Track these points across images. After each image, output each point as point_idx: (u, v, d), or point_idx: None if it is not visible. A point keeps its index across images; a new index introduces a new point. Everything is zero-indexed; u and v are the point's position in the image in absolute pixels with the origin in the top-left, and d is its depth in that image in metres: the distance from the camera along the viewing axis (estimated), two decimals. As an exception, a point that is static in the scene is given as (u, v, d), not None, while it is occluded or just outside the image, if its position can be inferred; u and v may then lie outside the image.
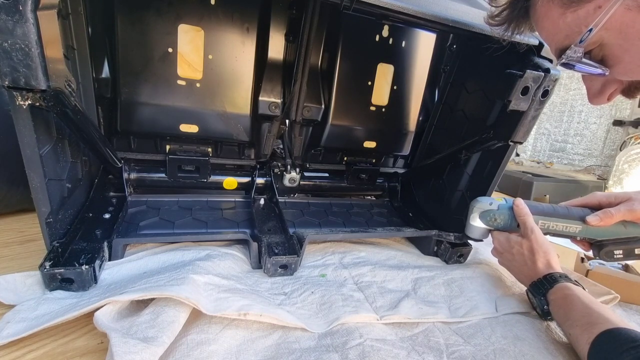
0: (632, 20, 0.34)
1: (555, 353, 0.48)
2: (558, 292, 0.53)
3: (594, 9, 0.35)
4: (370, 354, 0.43)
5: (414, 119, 0.84)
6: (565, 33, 0.39)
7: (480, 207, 0.63)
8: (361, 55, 0.74)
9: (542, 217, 0.61)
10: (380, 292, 0.57)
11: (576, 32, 0.38)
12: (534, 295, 0.56)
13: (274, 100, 0.71)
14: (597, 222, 0.58)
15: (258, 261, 0.60)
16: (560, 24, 0.39)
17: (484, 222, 0.63)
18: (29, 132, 0.42)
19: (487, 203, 0.63)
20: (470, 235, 0.65)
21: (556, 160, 2.73)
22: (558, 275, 0.55)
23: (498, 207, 0.62)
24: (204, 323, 0.44)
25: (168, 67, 0.63)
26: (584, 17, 0.36)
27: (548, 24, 0.41)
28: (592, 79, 0.44)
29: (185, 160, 0.73)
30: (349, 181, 0.89)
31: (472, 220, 0.64)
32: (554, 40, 0.41)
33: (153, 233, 0.64)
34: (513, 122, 0.63)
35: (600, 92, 0.44)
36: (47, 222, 0.48)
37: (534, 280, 0.57)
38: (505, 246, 0.62)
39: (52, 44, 0.38)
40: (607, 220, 0.58)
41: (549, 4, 0.39)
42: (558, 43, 0.41)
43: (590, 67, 0.39)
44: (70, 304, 0.44)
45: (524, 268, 0.60)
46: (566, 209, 0.62)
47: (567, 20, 0.38)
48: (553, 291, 0.53)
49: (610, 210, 0.58)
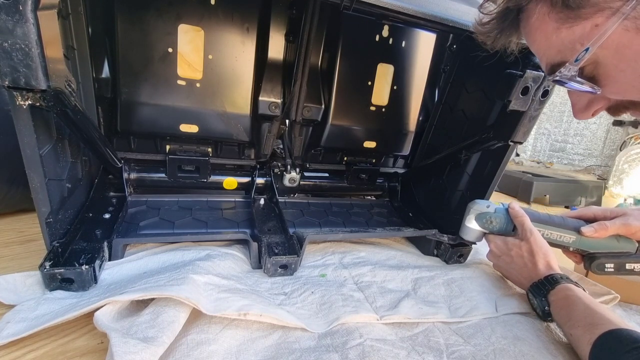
0: (630, 41, 0.34)
1: (555, 353, 0.48)
2: (559, 293, 0.53)
3: (590, 27, 0.34)
4: (370, 354, 0.43)
5: (414, 119, 0.84)
6: (558, 49, 0.38)
7: (476, 209, 0.63)
8: (361, 55, 0.74)
9: (538, 224, 0.61)
10: (380, 292, 0.57)
11: (569, 49, 0.37)
12: (534, 296, 0.56)
13: (274, 100, 0.71)
14: (592, 234, 0.58)
15: (258, 261, 0.60)
16: (554, 39, 0.38)
17: (480, 225, 0.63)
18: (29, 132, 0.42)
19: (484, 205, 0.63)
20: (464, 237, 0.66)
21: (556, 160, 2.73)
22: (559, 276, 0.55)
23: (495, 210, 0.63)
24: (204, 323, 0.44)
25: (168, 67, 0.63)
26: (579, 34, 0.35)
27: (540, 38, 0.39)
28: (579, 94, 0.43)
29: (185, 160, 0.73)
30: (349, 181, 0.89)
31: (467, 222, 0.64)
32: (546, 55, 0.40)
33: (153, 233, 0.64)
34: (513, 122, 0.63)
35: (586, 108, 0.43)
36: (47, 222, 0.48)
37: (535, 281, 0.57)
38: (502, 249, 0.62)
39: (52, 44, 0.38)
40: (601, 232, 0.58)
41: (544, 18, 0.38)
42: (550, 58, 0.40)
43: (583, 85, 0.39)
44: (70, 304, 0.44)
45: (523, 270, 0.59)
46: (562, 219, 0.62)
47: (561, 36, 0.37)
48: (554, 292, 0.53)
49: (605, 223, 0.59)
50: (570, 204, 1.54)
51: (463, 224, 0.65)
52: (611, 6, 0.32)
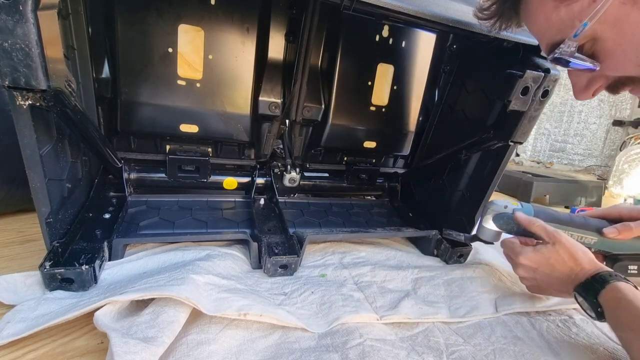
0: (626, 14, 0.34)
1: (556, 353, 0.48)
2: (609, 293, 0.48)
3: (588, 3, 0.35)
4: (370, 353, 0.43)
5: (414, 119, 0.84)
6: (558, 27, 0.38)
7: (494, 210, 0.62)
8: (361, 55, 0.74)
9: (558, 226, 0.58)
10: (380, 292, 0.57)
11: (569, 27, 0.37)
12: (585, 298, 0.50)
13: (274, 100, 0.71)
14: (615, 235, 0.56)
15: (258, 261, 0.60)
16: (553, 19, 0.38)
17: (497, 225, 0.62)
18: (29, 132, 0.42)
19: (502, 206, 0.62)
20: (481, 237, 0.64)
21: (556, 160, 2.73)
22: (607, 274, 0.50)
23: (513, 210, 0.61)
24: (204, 323, 0.44)
25: (168, 67, 0.63)
26: (578, 11, 0.36)
27: (540, 19, 0.40)
28: (578, 74, 0.43)
29: (185, 160, 0.73)
30: (349, 181, 0.89)
31: (485, 222, 0.63)
32: (546, 35, 0.41)
33: (153, 233, 0.64)
34: (513, 122, 0.63)
35: (586, 88, 0.43)
36: (47, 222, 0.48)
37: (581, 281, 0.51)
38: (538, 259, 0.55)
39: (52, 44, 0.38)
40: (625, 234, 0.56)
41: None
42: (550, 38, 0.40)
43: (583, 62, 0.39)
44: (70, 304, 0.44)
45: (569, 275, 0.53)
46: (583, 219, 0.60)
47: (561, 15, 0.37)
48: (605, 292, 0.48)
49: (630, 224, 0.56)
50: (570, 204, 1.54)
51: (480, 224, 0.64)
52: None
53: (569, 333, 0.54)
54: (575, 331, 0.54)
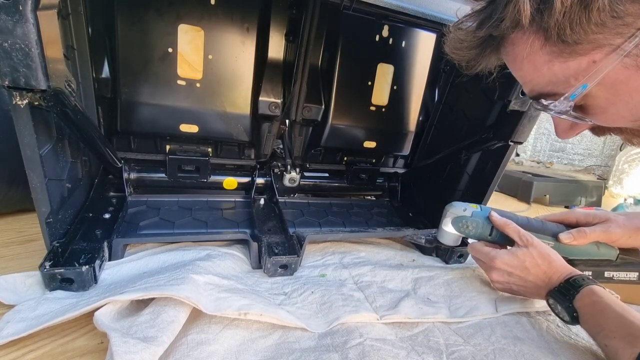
0: (627, 78, 0.32)
1: (556, 353, 0.48)
2: (585, 298, 0.48)
3: (587, 63, 0.33)
4: (370, 353, 0.43)
5: (414, 119, 0.84)
6: (549, 80, 0.36)
7: (453, 213, 0.60)
8: (361, 55, 0.74)
9: None
10: (380, 292, 0.57)
11: (562, 82, 0.35)
12: (559, 302, 0.50)
13: (274, 100, 0.71)
14: (570, 241, 0.56)
15: (258, 261, 0.60)
16: (545, 71, 0.36)
17: (456, 229, 0.60)
18: (29, 132, 0.42)
19: (461, 209, 0.60)
20: (441, 241, 0.63)
21: (556, 160, 2.73)
22: (581, 278, 0.50)
23: (472, 214, 0.59)
24: (204, 323, 0.44)
25: (168, 67, 0.63)
26: (574, 69, 0.34)
27: (528, 68, 0.37)
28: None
29: (185, 160, 0.73)
30: (349, 181, 0.89)
31: (444, 225, 0.61)
32: (532, 83, 0.38)
33: (153, 233, 0.64)
34: (513, 122, 0.63)
35: (570, 129, 0.42)
36: (47, 222, 0.48)
37: (555, 286, 0.51)
38: (514, 263, 0.55)
39: (52, 44, 0.38)
40: (580, 240, 0.56)
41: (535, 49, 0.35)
42: (538, 87, 0.38)
43: (573, 118, 0.37)
44: (70, 304, 0.44)
45: (542, 278, 0.54)
46: (541, 223, 0.59)
47: (554, 69, 0.35)
48: (580, 297, 0.48)
49: (584, 230, 0.56)
50: (570, 204, 1.54)
51: (440, 227, 0.62)
52: (611, 43, 0.31)
53: (568, 333, 0.54)
54: (575, 331, 0.54)
